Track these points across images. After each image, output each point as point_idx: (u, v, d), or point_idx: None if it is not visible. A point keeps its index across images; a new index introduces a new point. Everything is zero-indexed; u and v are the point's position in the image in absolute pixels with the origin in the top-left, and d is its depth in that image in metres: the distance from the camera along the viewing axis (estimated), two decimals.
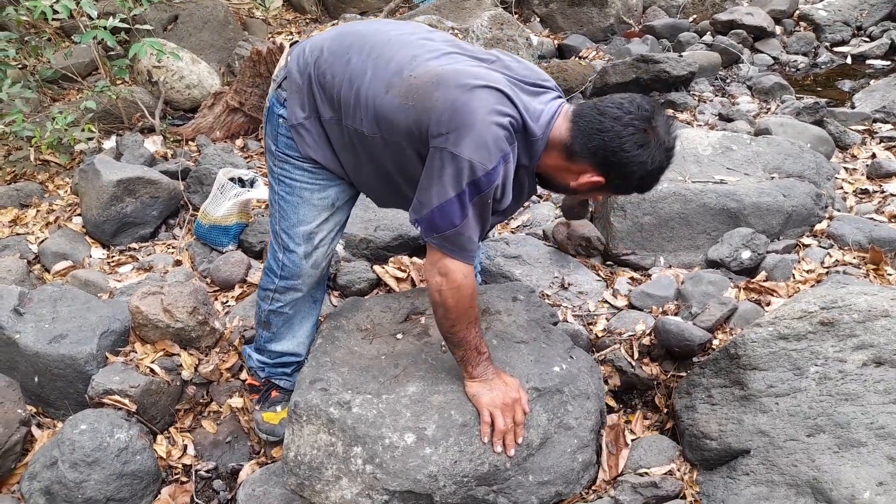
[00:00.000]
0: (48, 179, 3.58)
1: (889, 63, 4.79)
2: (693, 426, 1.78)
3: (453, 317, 1.55)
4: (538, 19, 5.74)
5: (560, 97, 1.60)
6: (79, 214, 3.19)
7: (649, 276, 2.50)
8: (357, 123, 1.58)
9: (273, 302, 1.90)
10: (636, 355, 2.12)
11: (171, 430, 2.14)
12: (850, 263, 2.38)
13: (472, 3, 5.44)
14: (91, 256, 2.98)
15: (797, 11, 5.63)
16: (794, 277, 2.34)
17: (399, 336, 1.89)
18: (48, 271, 2.88)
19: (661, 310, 2.29)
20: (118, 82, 4.20)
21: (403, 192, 1.68)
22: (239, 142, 4.01)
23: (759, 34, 5.18)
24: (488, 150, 1.41)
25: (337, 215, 1.82)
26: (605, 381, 2.06)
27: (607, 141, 1.43)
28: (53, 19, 3.50)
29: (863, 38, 5.25)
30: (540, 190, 1.79)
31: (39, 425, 2.13)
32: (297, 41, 1.77)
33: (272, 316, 1.93)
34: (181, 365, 2.20)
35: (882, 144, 3.48)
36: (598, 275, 2.53)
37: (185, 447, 2.10)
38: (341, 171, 1.73)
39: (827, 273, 2.35)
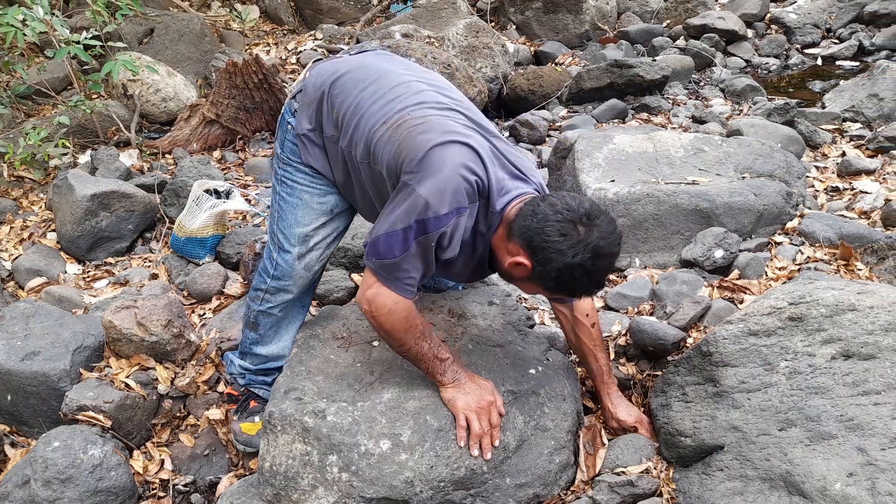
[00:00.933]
0: (22, 196, 3.55)
1: (857, 64, 4.89)
2: (668, 424, 1.79)
3: (397, 337, 1.59)
4: (514, 27, 5.78)
5: (537, 191, 1.62)
6: (53, 230, 3.17)
7: (625, 276, 2.52)
8: (352, 147, 1.65)
9: (263, 302, 1.91)
10: (612, 356, 2.13)
11: (148, 444, 2.12)
12: (821, 260, 2.42)
13: (448, 11, 5.48)
14: (66, 272, 2.96)
15: (768, 15, 5.73)
16: (766, 275, 2.37)
17: (375, 343, 1.89)
18: (22, 288, 2.85)
19: (636, 310, 2.31)
20: (93, 96, 4.18)
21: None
22: (216, 153, 4.01)
23: (731, 38, 5.27)
24: (445, 196, 1.44)
25: (335, 222, 1.85)
26: (582, 382, 2.06)
27: (534, 222, 1.45)
28: (24, 37, 3.48)
29: (832, 41, 5.36)
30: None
31: (13, 444, 2.10)
32: (320, 59, 1.87)
33: (261, 317, 1.93)
34: (157, 379, 2.18)
35: (852, 143, 3.54)
36: None
37: (163, 461, 2.08)
38: (335, 182, 1.80)
39: (799, 270, 2.38)
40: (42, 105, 4.53)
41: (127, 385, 2.11)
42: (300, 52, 5.36)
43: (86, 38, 3.53)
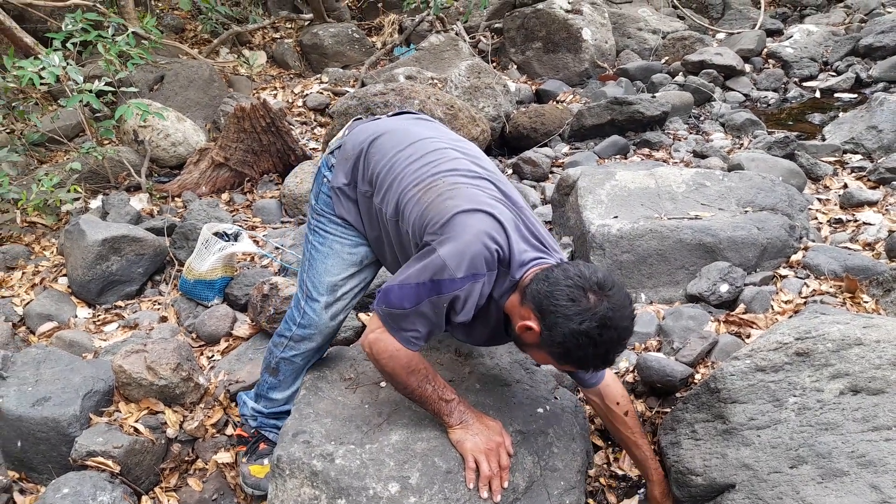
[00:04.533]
0: (35, 241, 3.60)
1: (855, 96, 4.95)
2: (678, 462, 1.78)
3: (400, 380, 1.61)
4: (515, 66, 5.90)
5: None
6: (64, 275, 3.21)
7: None
8: (384, 204, 1.71)
9: (287, 349, 1.93)
10: None
11: (157, 489, 2.11)
12: (827, 293, 2.42)
13: (450, 53, 5.60)
14: (76, 316, 2.98)
15: (765, 50, 5.83)
16: (772, 309, 2.37)
17: (382, 384, 1.90)
18: (33, 333, 2.87)
19: (643, 346, 2.31)
20: (105, 143, 4.27)
21: None
22: (225, 196, 4.07)
23: (729, 73, 5.35)
24: (464, 261, 1.48)
25: (363, 273, 1.89)
26: (591, 421, 2.06)
27: (545, 286, 1.46)
28: (41, 83, 3.58)
29: (830, 73, 5.43)
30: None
31: (22, 491, 2.10)
32: (360, 118, 1.97)
33: (283, 363, 1.95)
34: (166, 423, 2.18)
35: (853, 174, 3.57)
36: None
37: None
38: (366, 235, 1.85)
39: (805, 303, 2.38)
40: (55, 152, 4.63)
41: (136, 429, 2.12)
42: (306, 95, 5.48)
43: (98, 87, 3.64)
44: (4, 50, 4.85)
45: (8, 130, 4.30)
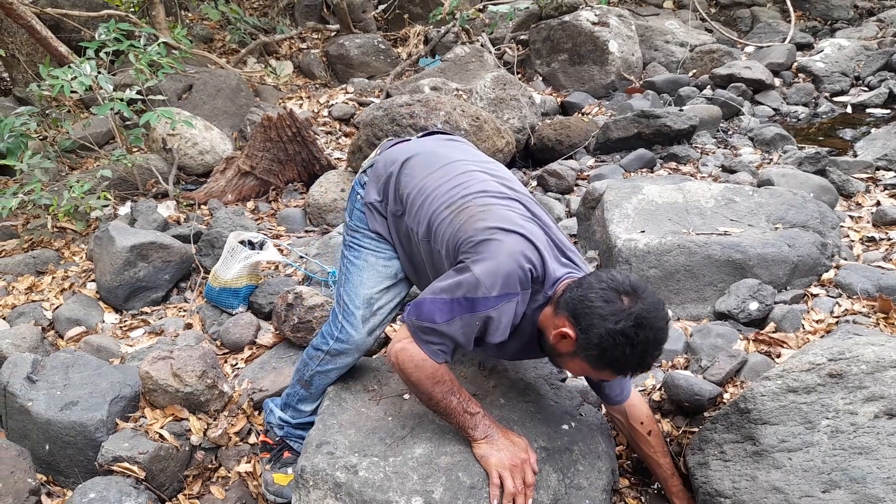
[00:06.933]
0: (64, 246, 3.67)
1: (889, 111, 4.86)
2: (707, 483, 1.74)
3: (425, 390, 1.61)
4: (541, 78, 5.90)
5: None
6: (93, 280, 3.26)
7: None
8: (414, 224, 1.76)
9: (323, 363, 1.93)
10: None
11: (180, 496, 2.12)
12: (860, 312, 2.36)
13: (475, 64, 5.62)
14: (104, 321, 3.02)
15: (795, 64, 5.76)
16: (803, 328, 2.32)
17: (406, 396, 1.89)
18: (62, 337, 2.92)
19: (670, 364, 2.27)
20: (134, 150, 4.34)
21: None
22: (250, 204, 4.11)
23: (758, 87, 5.29)
24: (498, 280, 1.51)
25: (398, 287, 1.91)
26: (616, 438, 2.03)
27: (579, 292, 1.50)
28: (72, 92, 3.66)
29: (861, 88, 5.34)
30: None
31: (49, 494, 2.13)
32: (391, 138, 2.04)
33: (317, 377, 1.95)
34: (190, 430, 2.20)
35: (886, 192, 3.50)
36: None
37: None
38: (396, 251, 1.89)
39: (837, 323, 2.33)
40: (86, 159, 4.72)
41: (161, 436, 2.13)
42: (332, 105, 5.52)
43: (129, 95, 3.71)
44: (41, 58, 4.97)
45: (41, 137, 4.41)
